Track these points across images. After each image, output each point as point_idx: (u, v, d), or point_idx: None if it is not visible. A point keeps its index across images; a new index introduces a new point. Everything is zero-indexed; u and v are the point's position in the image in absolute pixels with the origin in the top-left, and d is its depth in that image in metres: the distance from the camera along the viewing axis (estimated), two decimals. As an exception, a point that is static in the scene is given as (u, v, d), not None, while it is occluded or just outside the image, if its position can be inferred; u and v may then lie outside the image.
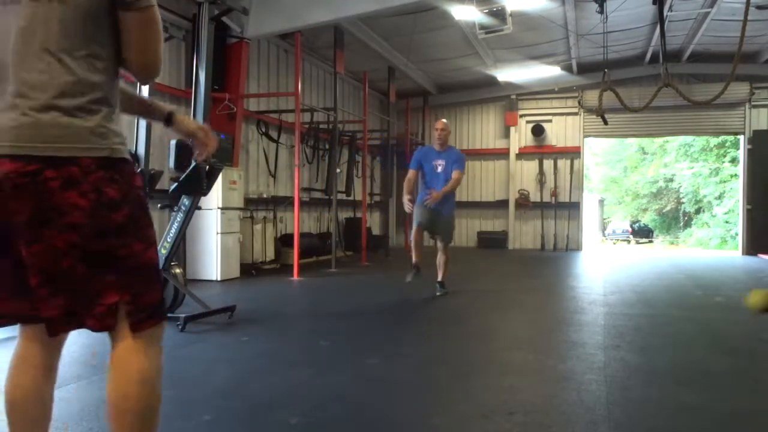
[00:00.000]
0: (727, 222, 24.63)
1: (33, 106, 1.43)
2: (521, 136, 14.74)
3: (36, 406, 1.61)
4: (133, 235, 1.52)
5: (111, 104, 1.55)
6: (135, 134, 5.61)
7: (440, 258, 6.44)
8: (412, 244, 6.28)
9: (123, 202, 1.50)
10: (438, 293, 6.36)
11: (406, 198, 6.27)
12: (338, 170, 10.63)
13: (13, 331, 4.11)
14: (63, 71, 1.45)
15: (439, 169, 6.27)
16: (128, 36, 1.52)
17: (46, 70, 1.44)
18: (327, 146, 10.93)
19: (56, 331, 1.51)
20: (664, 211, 34.85)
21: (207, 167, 5.02)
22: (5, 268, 1.50)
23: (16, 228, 1.45)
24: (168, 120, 1.84)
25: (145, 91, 4.27)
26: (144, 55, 1.57)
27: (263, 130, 9.64)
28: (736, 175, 20.82)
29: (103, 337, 1.70)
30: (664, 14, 8.69)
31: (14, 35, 1.45)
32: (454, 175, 6.18)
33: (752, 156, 13.33)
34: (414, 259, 6.20)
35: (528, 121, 14.67)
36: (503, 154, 14.88)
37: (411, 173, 6.44)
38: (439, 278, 6.45)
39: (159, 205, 5.51)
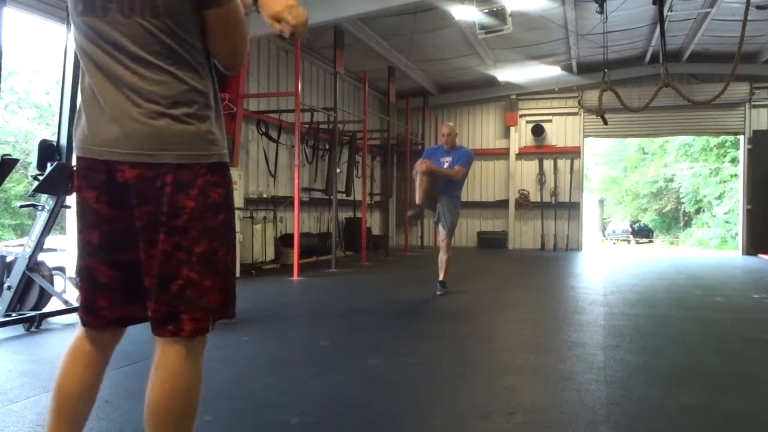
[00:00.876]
0: (727, 222, 24.62)
1: (146, 113, 1.48)
2: (521, 136, 14.74)
3: (85, 399, 1.65)
4: (226, 239, 1.59)
5: (214, 108, 1.59)
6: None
7: (442, 257, 6.44)
8: (417, 185, 6.20)
9: (223, 206, 1.57)
10: (438, 292, 6.36)
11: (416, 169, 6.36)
12: (338, 170, 10.63)
13: (15, 330, 4.10)
14: (174, 81, 1.50)
15: (445, 165, 6.32)
16: (212, 32, 1.55)
17: (158, 80, 1.48)
18: (327, 146, 10.93)
19: (160, 332, 1.54)
20: (664, 211, 34.84)
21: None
22: (121, 275, 1.58)
23: (133, 234, 1.52)
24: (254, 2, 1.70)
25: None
26: (228, 48, 1.59)
27: (263, 130, 9.64)
28: (736, 175, 20.82)
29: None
30: (664, 14, 8.69)
31: (111, 47, 1.49)
32: (456, 167, 6.25)
33: (752, 156, 13.33)
34: (417, 199, 6.22)
35: (528, 121, 14.67)
36: (503, 154, 14.88)
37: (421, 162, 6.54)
38: (441, 277, 6.45)
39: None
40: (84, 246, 1.61)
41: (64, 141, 4.99)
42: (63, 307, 4.90)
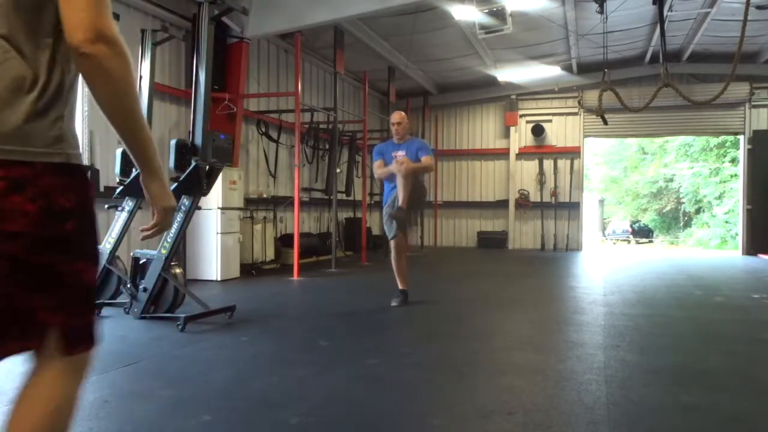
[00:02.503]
0: (727, 222, 24.63)
1: None
2: (521, 136, 14.74)
3: None
4: (78, 252, 1.31)
5: (66, 102, 1.30)
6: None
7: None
8: (394, 266, 5.73)
9: (73, 214, 1.28)
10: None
11: (379, 173, 5.72)
12: (338, 170, 10.63)
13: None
14: (16, 60, 1.22)
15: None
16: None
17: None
18: (327, 146, 10.93)
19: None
20: (664, 211, 34.84)
21: (207, 167, 5.04)
22: None
23: None
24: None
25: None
26: (79, 15, 1.19)
27: (263, 130, 9.64)
28: (736, 175, 20.82)
29: (102, 339, 1.69)
30: (664, 14, 8.69)
31: None
32: (424, 157, 5.55)
33: (752, 156, 13.34)
34: (399, 284, 5.71)
35: (528, 121, 14.67)
36: (503, 154, 14.89)
37: (376, 163, 5.78)
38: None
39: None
40: None
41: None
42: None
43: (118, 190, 5.50)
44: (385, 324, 5.12)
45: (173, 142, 5.04)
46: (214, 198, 7.45)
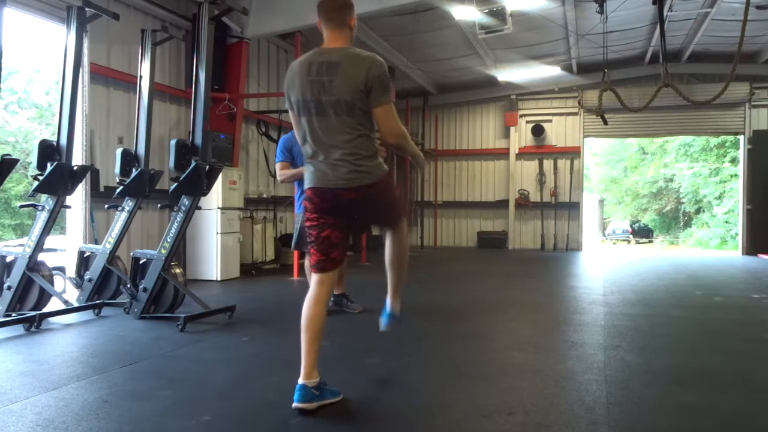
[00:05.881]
0: (727, 222, 24.61)
1: (349, 160, 2.85)
2: (521, 136, 14.74)
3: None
4: (396, 201, 3.27)
5: (377, 156, 2.95)
6: (135, 135, 5.72)
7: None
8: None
9: (393, 193, 3.21)
10: (353, 309, 5.49)
11: (284, 177, 5.11)
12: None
13: (15, 330, 4.10)
14: (361, 147, 2.87)
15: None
16: (378, 119, 2.87)
17: (353, 147, 2.85)
18: (327, 146, 10.91)
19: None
20: (664, 211, 34.84)
21: (207, 167, 5.03)
22: (346, 239, 3.07)
23: (351, 219, 3.04)
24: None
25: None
26: (388, 128, 2.89)
27: (263, 130, 9.64)
28: (736, 175, 20.81)
29: (102, 339, 1.70)
30: (664, 14, 8.69)
31: (329, 129, 2.85)
32: None
33: (752, 156, 13.33)
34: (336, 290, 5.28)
35: (528, 121, 14.66)
36: (503, 154, 14.88)
37: (279, 167, 5.13)
38: (341, 291, 5.56)
39: (159, 205, 5.53)
40: None
41: (64, 141, 5.01)
42: (63, 307, 4.90)
43: (118, 190, 5.50)
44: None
45: (173, 142, 5.04)
46: (214, 198, 7.45)
